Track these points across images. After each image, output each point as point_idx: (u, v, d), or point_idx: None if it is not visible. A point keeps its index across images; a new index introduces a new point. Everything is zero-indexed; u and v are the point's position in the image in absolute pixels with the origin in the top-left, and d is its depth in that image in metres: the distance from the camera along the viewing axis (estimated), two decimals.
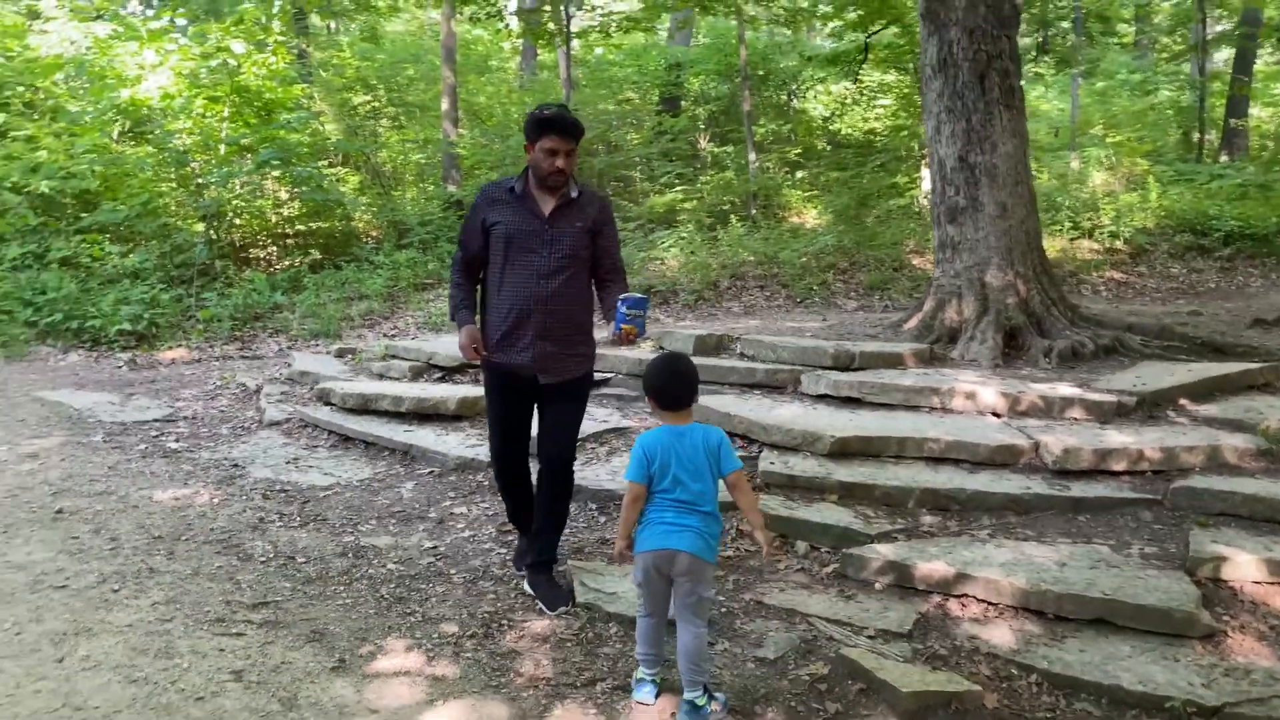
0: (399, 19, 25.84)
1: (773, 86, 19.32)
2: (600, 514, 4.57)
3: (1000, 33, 6.78)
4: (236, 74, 12.22)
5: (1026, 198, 6.99)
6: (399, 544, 4.34)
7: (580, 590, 3.77)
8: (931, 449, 4.78)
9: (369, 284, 11.04)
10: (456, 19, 15.69)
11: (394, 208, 14.46)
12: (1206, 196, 13.36)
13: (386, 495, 5.02)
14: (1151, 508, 4.27)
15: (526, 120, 3.68)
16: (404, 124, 17.78)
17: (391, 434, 5.75)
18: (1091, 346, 6.58)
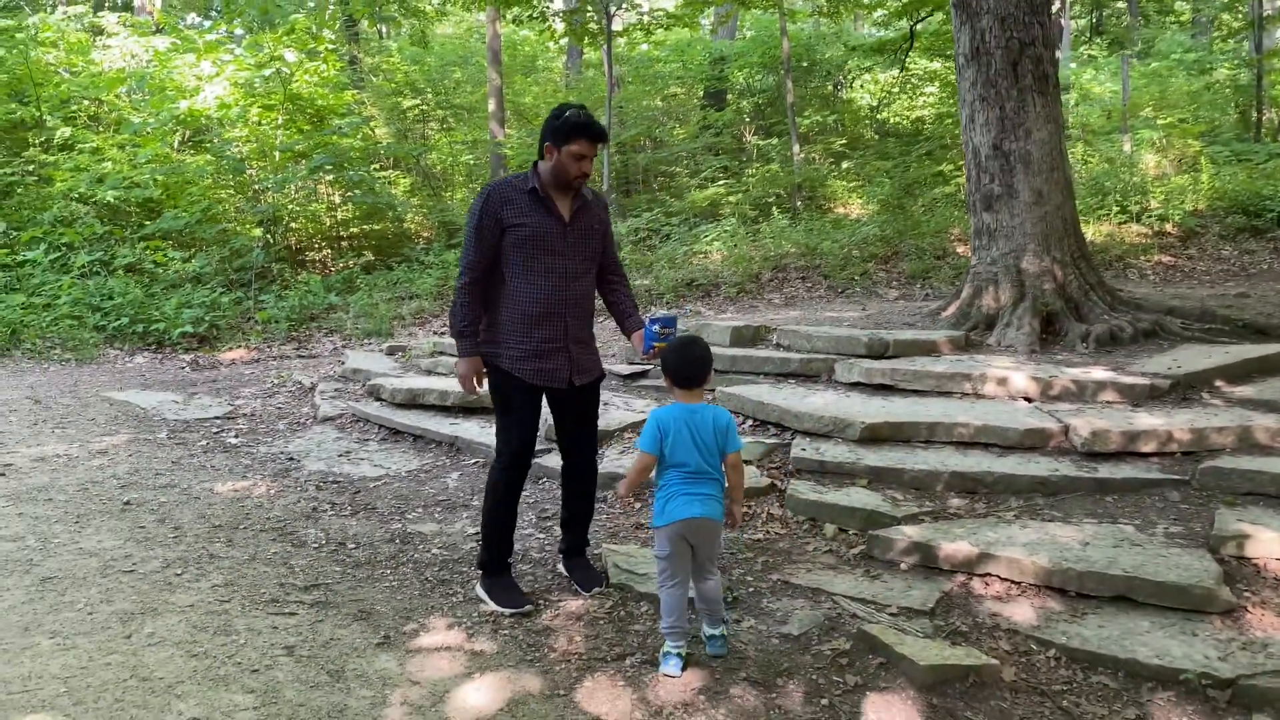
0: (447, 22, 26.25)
1: (818, 77, 19.29)
2: (636, 500, 4.73)
3: (1032, 19, 6.78)
4: (289, 82, 12.61)
5: (1062, 183, 6.98)
6: (443, 530, 4.55)
7: (614, 572, 3.93)
8: (961, 434, 4.85)
9: (419, 283, 11.34)
10: (501, 21, 15.96)
11: (444, 209, 14.79)
12: (1262, 177, 13.09)
13: (433, 485, 5.24)
14: (1179, 488, 4.31)
15: (551, 123, 3.63)
16: (453, 126, 18.14)
17: (438, 427, 5.98)
18: (1130, 330, 6.57)
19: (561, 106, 3.69)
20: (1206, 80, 20.46)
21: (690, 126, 17.45)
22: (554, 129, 3.61)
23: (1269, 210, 11.70)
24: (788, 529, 4.33)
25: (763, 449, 5.06)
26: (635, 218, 12.67)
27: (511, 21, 14.45)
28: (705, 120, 16.97)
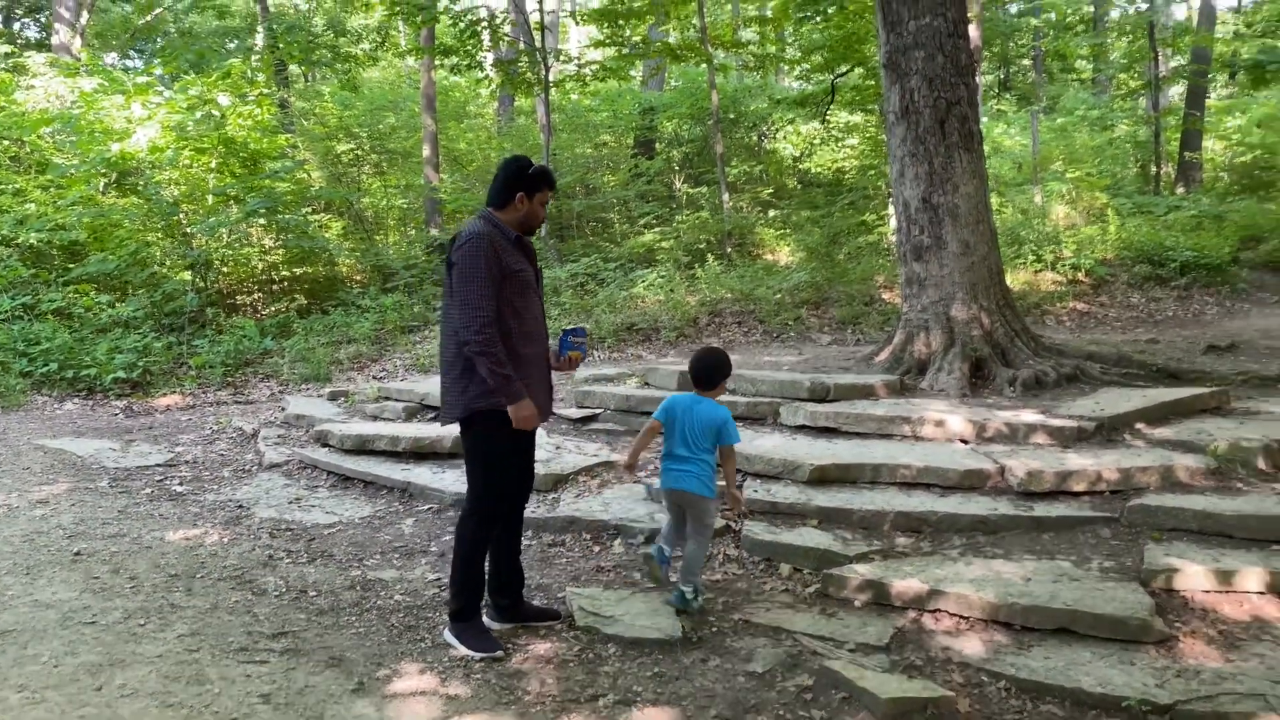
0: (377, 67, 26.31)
1: (744, 128, 19.85)
2: (594, 544, 4.83)
3: (958, 80, 7.19)
4: (222, 125, 12.53)
5: (988, 235, 7.37)
6: (404, 577, 4.58)
7: (580, 615, 4.01)
8: (904, 475, 5.08)
9: (357, 328, 11.30)
10: (436, 68, 16.11)
11: (377, 252, 14.76)
12: (1164, 228, 13.89)
13: (388, 531, 5.26)
14: (1110, 525, 4.58)
15: (524, 172, 3.78)
16: (386, 170, 18.15)
17: (390, 473, 6.00)
18: (1054, 375, 6.94)
19: (519, 159, 3.89)
20: (1109, 136, 21.64)
21: (622, 174, 17.77)
22: (526, 179, 3.79)
23: (1172, 260, 12.43)
24: (745, 569, 4.48)
25: None
26: (573, 262, 12.85)
27: (450, 70, 14.61)
28: (636, 168, 17.31)
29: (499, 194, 3.79)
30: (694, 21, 16.83)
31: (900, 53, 7.26)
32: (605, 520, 4.92)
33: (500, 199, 3.79)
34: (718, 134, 15.07)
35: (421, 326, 11.72)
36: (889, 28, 7.32)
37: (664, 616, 3.95)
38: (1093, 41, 27.24)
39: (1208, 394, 6.28)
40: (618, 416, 6.71)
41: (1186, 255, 12.40)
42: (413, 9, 13.09)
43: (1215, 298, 11.93)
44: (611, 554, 4.70)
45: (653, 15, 16.09)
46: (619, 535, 4.84)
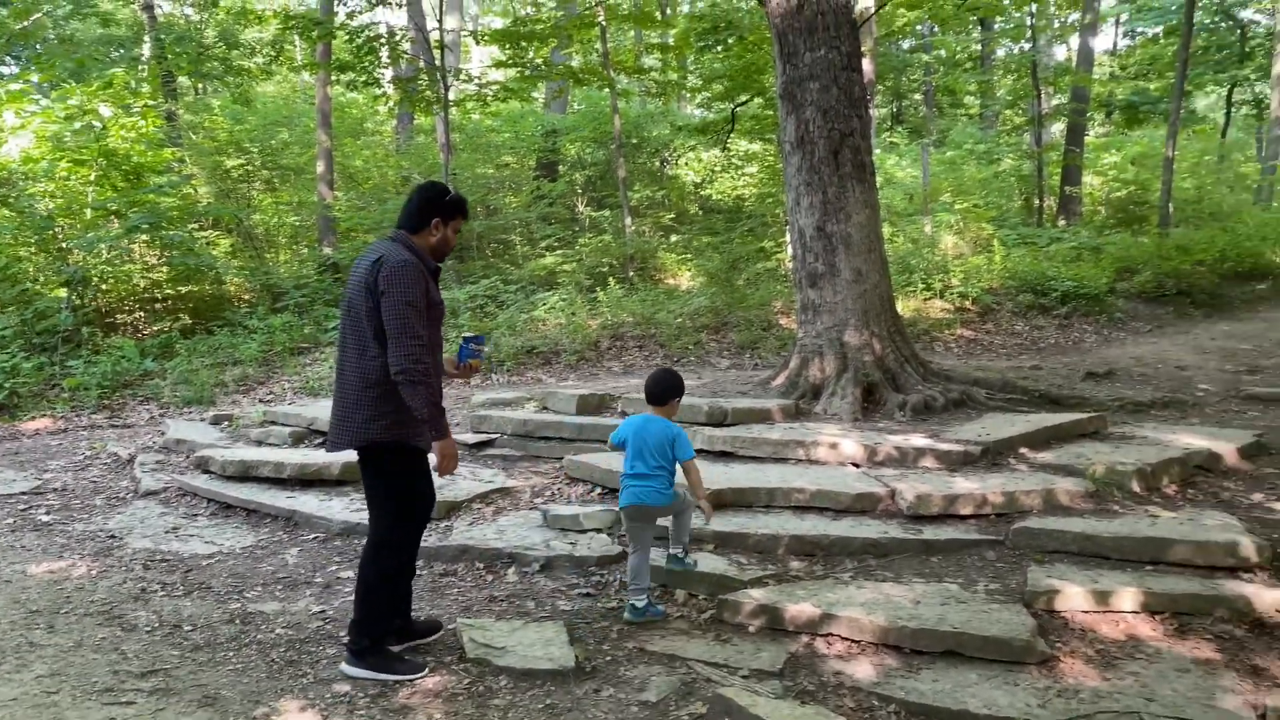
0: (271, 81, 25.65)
1: (646, 153, 20.02)
2: (488, 572, 4.72)
3: (852, 112, 7.37)
4: (103, 137, 12.00)
5: (879, 264, 7.55)
6: (286, 609, 4.39)
7: (470, 646, 3.90)
8: (798, 499, 5.13)
9: (243, 349, 10.91)
10: (332, 84, 15.78)
11: (267, 271, 14.33)
12: (1046, 259, 14.50)
13: (271, 562, 5.04)
14: (995, 548, 4.70)
15: (442, 197, 3.72)
16: (278, 187, 17.67)
17: (274, 500, 5.77)
18: (942, 400, 7.13)
19: (436, 184, 3.84)
20: (995, 169, 22.55)
21: (524, 196, 17.69)
22: (443, 206, 3.72)
23: (1053, 290, 12.96)
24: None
25: (613, 517, 5.16)
26: (472, 284, 12.68)
27: (345, 87, 14.32)
28: (539, 190, 17.26)
29: (414, 217, 3.70)
30: (597, 46, 16.93)
31: (796, 84, 7.41)
32: (499, 548, 4.81)
33: (415, 223, 3.70)
34: (620, 158, 15.14)
35: (312, 348, 11.39)
36: (785, 59, 7.46)
37: (557, 646, 3.87)
38: (980, 79, 28.42)
39: (1086, 419, 6.53)
40: (515, 442, 6.61)
41: (1067, 285, 12.95)
42: (308, 24, 12.81)
43: (1094, 326, 12.48)
44: (505, 583, 4.59)
45: (556, 39, 16.13)
46: (513, 564, 4.75)
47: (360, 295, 3.54)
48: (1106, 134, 30.07)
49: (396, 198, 15.97)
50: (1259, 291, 14.60)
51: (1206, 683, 3.53)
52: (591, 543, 4.89)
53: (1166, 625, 3.97)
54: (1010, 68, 27.48)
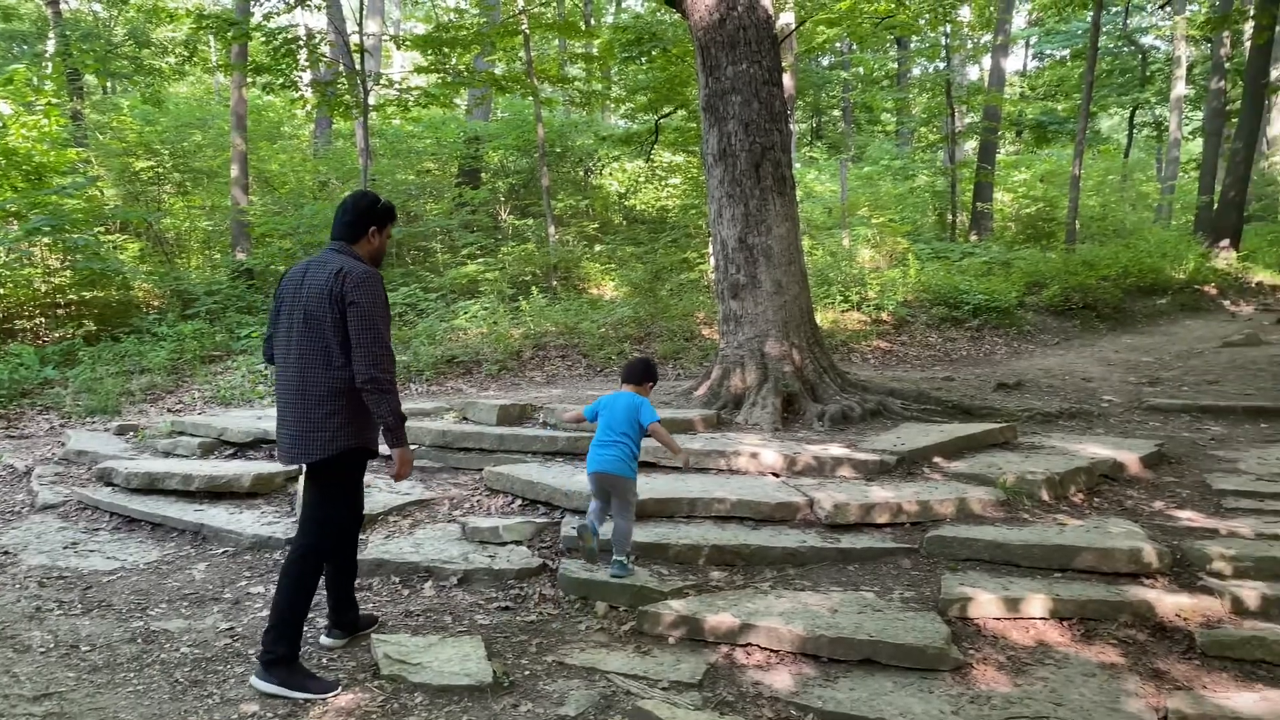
0: (184, 82, 24.94)
1: (570, 162, 20.00)
2: (404, 587, 4.62)
3: (773, 126, 7.46)
4: (3, 135, 11.50)
5: (799, 276, 7.65)
6: (193, 627, 4.23)
7: (385, 663, 3.81)
8: (719, 509, 5.14)
9: (151, 357, 10.54)
10: (248, 86, 15.41)
11: (178, 276, 13.89)
12: (958, 273, 14.89)
13: (177, 578, 4.86)
14: (910, 556, 4.78)
15: (373, 209, 3.79)
16: (190, 190, 17.16)
17: (181, 514, 5.56)
18: (859, 410, 7.24)
19: (367, 193, 3.89)
20: (910, 185, 23.10)
21: (445, 203, 17.51)
22: (378, 214, 3.82)
23: (966, 303, 13.31)
24: (560, 609, 4.39)
25: (533, 529, 5.11)
26: (391, 292, 12.46)
27: (261, 89, 13.99)
28: (461, 197, 17.09)
29: (351, 227, 3.77)
30: (520, 54, 16.85)
31: (718, 97, 7.48)
32: (416, 562, 4.72)
33: (353, 233, 3.77)
34: (544, 167, 15.08)
35: (224, 356, 11.06)
36: (708, 72, 7.52)
37: (474, 662, 3.80)
38: (897, 96, 29.09)
39: (998, 429, 6.70)
40: (433, 453, 6.49)
41: (979, 299, 13.30)
42: (223, 25, 12.48)
43: (1004, 338, 12.84)
44: (422, 598, 4.50)
45: (479, 46, 16.01)
46: (430, 578, 4.66)
47: (323, 306, 3.56)
48: (1017, 152, 31.08)
49: (314, 203, 15.66)
50: (1159, 306, 15.21)
51: (1111, 686, 3.63)
52: (511, 555, 4.82)
53: (1074, 631, 4.08)
54: (925, 86, 28.20)
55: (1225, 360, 10.92)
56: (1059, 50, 34.27)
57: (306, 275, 3.67)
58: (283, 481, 5.97)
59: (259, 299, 13.48)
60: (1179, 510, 5.47)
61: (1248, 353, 11.30)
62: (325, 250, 3.78)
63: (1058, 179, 22.45)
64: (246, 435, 6.74)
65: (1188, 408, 8.37)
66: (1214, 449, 7.03)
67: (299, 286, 3.66)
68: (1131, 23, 31.83)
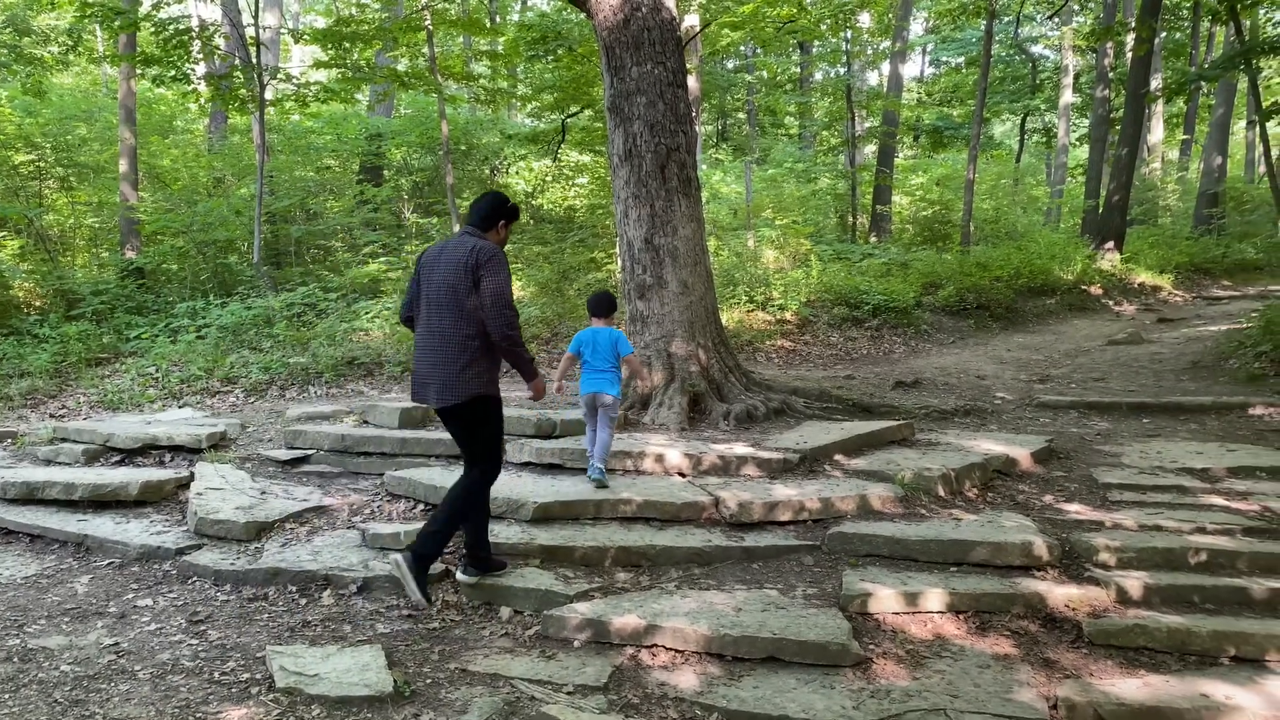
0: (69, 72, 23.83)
1: (476, 161, 19.77)
2: (301, 596, 4.48)
3: (678, 128, 7.49)
4: None
5: (705, 276, 7.71)
6: (74, 644, 4.02)
7: (280, 675, 3.69)
8: (625, 510, 5.14)
9: (32, 359, 10.03)
10: (138, 78, 14.78)
11: (61, 275, 13.26)
12: (859, 274, 15.22)
13: (58, 592, 4.62)
14: (813, 553, 4.85)
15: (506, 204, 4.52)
16: (75, 186, 16.39)
17: (63, 525, 5.29)
18: (764, 409, 7.33)
19: (499, 193, 4.59)
20: (813, 187, 23.52)
21: (346, 200, 17.11)
22: (508, 211, 4.54)
23: (865, 303, 13.61)
24: (464, 615, 4.33)
25: None
26: (289, 292, 12.11)
27: (152, 81, 13.45)
28: (362, 195, 16.73)
29: (486, 219, 4.47)
30: (424, 50, 16.58)
31: (624, 97, 7.47)
32: (314, 570, 4.58)
33: (486, 224, 4.47)
34: (448, 164, 14.87)
35: (112, 359, 10.59)
36: (613, 73, 7.51)
37: (374, 671, 3.71)
38: (799, 100, 29.61)
39: (896, 427, 6.86)
40: (332, 457, 6.32)
41: (878, 299, 13.61)
42: (109, 13, 11.94)
43: (902, 338, 13.17)
44: (320, 607, 4.38)
45: (381, 41, 15.69)
46: (329, 586, 4.53)
47: (460, 276, 4.25)
48: (914, 156, 31.98)
49: (208, 199, 15.12)
50: (1048, 306, 15.81)
51: (1005, 677, 3.75)
52: None
53: (970, 623, 4.20)
54: (827, 90, 28.77)
55: (1110, 358, 11.41)
56: (954, 58, 35.37)
57: (444, 253, 4.36)
58: (173, 489, 5.73)
59: (149, 299, 12.95)
60: (1067, 504, 5.68)
61: (1131, 350, 11.84)
62: (460, 234, 4.44)
63: (953, 182, 23.14)
64: (134, 441, 6.45)
65: (1075, 404, 8.71)
66: (1100, 444, 7.33)
67: (436, 261, 4.36)
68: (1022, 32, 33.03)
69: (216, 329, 10.78)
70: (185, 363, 9.88)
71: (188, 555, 4.83)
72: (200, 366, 9.62)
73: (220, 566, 4.66)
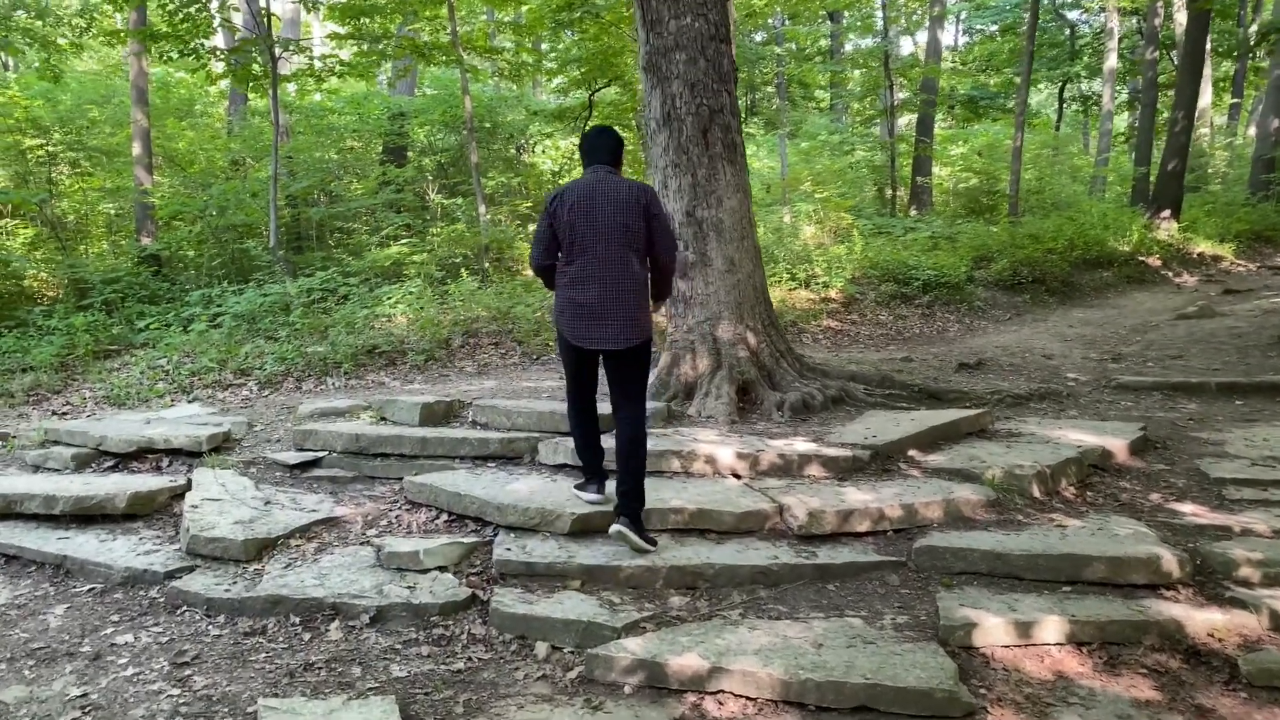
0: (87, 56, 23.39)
1: (500, 139, 19.10)
2: (305, 629, 3.85)
3: (721, 87, 6.77)
4: None
5: (752, 252, 7.00)
6: (35, 695, 3.41)
7: None
8: (676, 520, 4.47)
9: (36, 353, 9.50)
10: (149, 58, 14.22)
11: (74, 264, 12.75)
12: (903, 248, 14.41)
13: (27, 626, 4.02)
14: (897, 570, 4.16)
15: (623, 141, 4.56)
16: (91, 171, 15.89)
17: (41, 544, 4.68)
18: (820, 398, 6.63)
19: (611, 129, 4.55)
20: (849, 160, 22.64)
21: (369, 182, 16.50)
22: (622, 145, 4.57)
23: (915, 279, 12.82)
24: (493, 652, 3.68)
25: (460, 551, 4.37)
26: (308, 277, 11.51)
27: (159, 59, 12.87)
28: (385, 176, 16.11)
29: (617, 157, 4.48)
30: (446, 25, 15.88)
31: (661, 55, 6.75)
32: (320, 598, 3.95)
33: (616, 159, 4.47)
34: (473, 142, 14.21)
35: (122, 351, 10.05)
36: (649, 27, 6.79)
37: None
38: (833, 69, 28.62)
39: (973, 416, 6.13)
40: (345, 460, 5.66)
41: (928, 274, 12.83)
42: None
43: (955, 315, 12.38)
44: (326, 643, 3.74)
45: (401, 15, 15.02)
46: (337, 616, 3.90)
47: (636, 215, 4.27)
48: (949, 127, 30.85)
49: (224, 183, 14.55)
50: (1105, 279, 14.95)
51: None
52: (435, 585, 4.08)
53: (1096, 658, 3.50)
54: (858, 61, 27.81)
55: (1183, 333, 10.58)
56: (989, 25, 34.22)
57: (597, 193, 4.27)
58: (166, 499, 5.11)
59: (164, 287, 12.42)
60: (1179, 503, 4.96)
61: (1205, 325, 11.00)
62: (598, 171, 4.37)
63: (993, 153, 22.17)
64: (129, 444, 5.83)
65: (1158, 385, 7.94)
66: (1195, 430, 6.58)
67: (593, 201, 4.25)
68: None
69: (231, 317, 10.20)
70: (197, 354, 9.31)
71: (178, 580, 4.22)
72: (212, 358, 9.04)
73: (214, 594, 4.04)
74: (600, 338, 4.27)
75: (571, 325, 4.29)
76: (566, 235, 4.26)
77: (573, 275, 4.27)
